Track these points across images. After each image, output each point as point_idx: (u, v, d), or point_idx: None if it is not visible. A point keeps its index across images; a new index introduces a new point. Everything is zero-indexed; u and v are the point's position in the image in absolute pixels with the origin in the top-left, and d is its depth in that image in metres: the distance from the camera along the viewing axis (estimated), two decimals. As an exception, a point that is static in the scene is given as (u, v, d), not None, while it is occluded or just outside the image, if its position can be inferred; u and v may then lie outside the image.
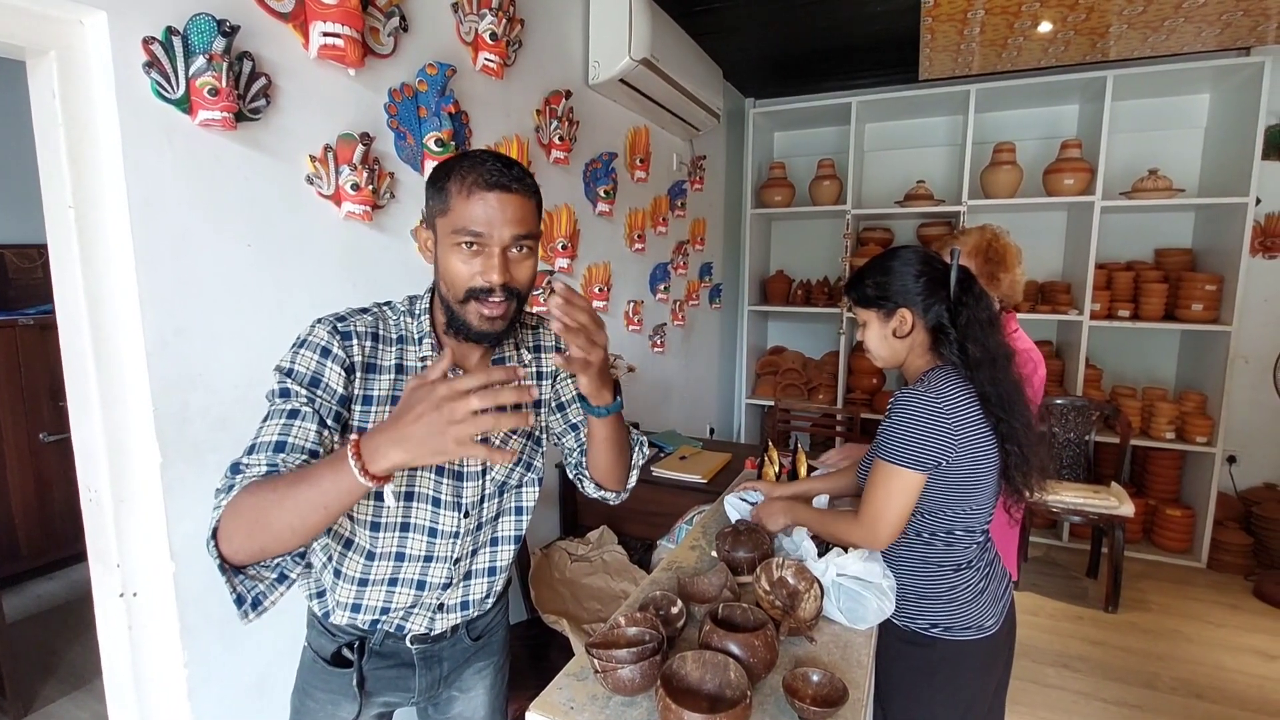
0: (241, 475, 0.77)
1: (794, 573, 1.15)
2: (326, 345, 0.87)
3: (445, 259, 0.89)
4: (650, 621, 1.00)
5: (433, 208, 0.91)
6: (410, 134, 1.61)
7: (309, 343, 0.87)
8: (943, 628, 1.16)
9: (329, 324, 0.89)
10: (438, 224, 0.90)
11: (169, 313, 1.16)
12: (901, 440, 1.11)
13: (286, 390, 0.84)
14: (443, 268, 0.90)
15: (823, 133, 4.23)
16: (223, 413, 1.25)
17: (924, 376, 1.15)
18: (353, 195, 1.43)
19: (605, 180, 2.49)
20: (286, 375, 0.85)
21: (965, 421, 1.10)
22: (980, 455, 1.11)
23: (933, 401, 1.09)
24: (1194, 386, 3.41)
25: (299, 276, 1.38)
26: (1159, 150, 3.47)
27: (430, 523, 0.97)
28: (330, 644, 1.01)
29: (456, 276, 0.89)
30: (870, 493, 1.14)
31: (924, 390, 1.11)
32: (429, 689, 1.07)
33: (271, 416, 0.83)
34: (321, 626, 1.02)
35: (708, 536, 1.52)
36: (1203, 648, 2.61)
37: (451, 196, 0.87)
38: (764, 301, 4.28)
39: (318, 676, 1.03)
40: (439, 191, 0.89)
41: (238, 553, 0.76)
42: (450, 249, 0.88)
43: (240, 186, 1.26)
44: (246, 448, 0.81)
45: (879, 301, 1.21)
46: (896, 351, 1.22)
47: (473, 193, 0.86)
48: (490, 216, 0.86)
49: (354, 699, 1.01)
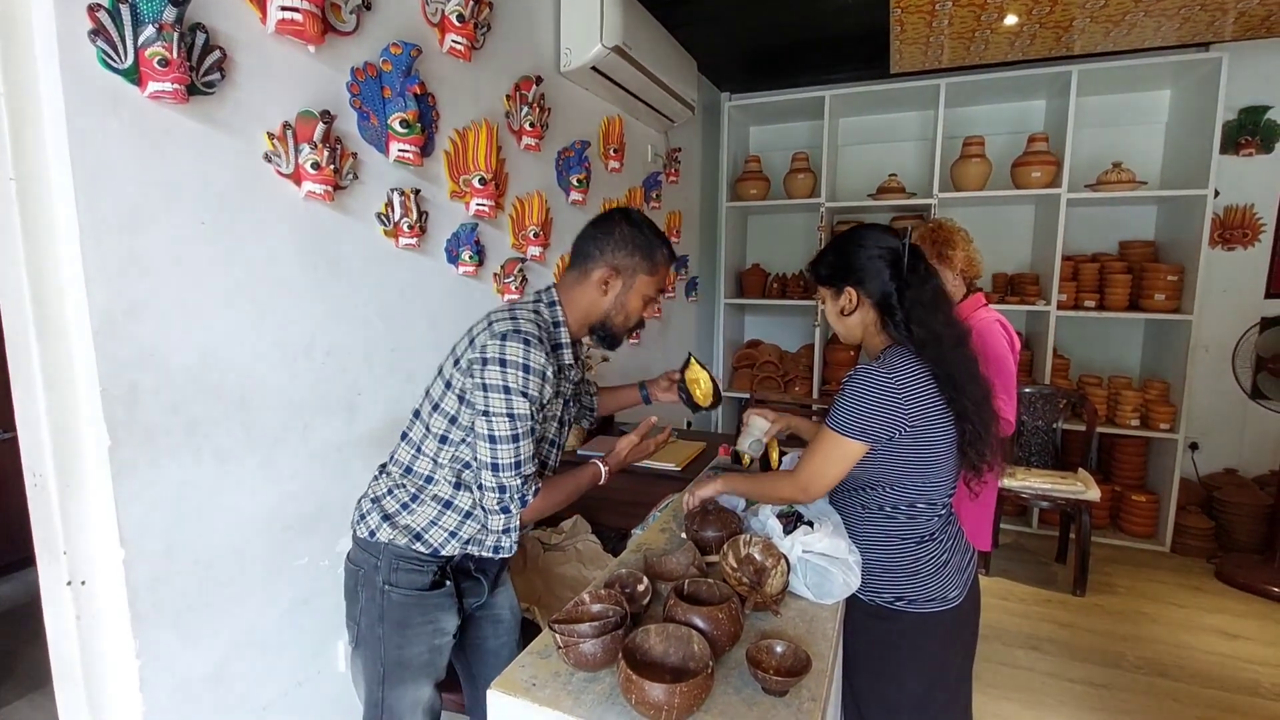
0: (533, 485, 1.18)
1: (761, 549, 1.15)
2: (544, 370, 1.13)
3: (631, 303, 1.27)
4: (614, 598, 0.99)
5: (637, 263, 1.25)
6: (374, 114, 1.57)
7: (534, 369, 1.11)
8: (907, 600, 1.17)
9: (539, 347, 1.12)
10: (638, 279, 1.26)
11: (117, 291, 1.12)
12: (850, 411, 1.12)
13: (531, 415, 1.13)
14: (628, 306, 1.27)
15: (797, 127, 4.26)
16: (175, 395, 1.21)
17: (882, 354, 1.16)
18: (313, 174, 1.40)
19: (578, 169, 2.47)
20: (526, 399, 1.11)
21: (917, 397, 1.10)
22: (936, 431, 1.12)
23: (884, 377, 1.11)
24: (1157, 375, 3.49)
25: (257, 256, 1.35)
26: (1122, 144, 3.54)
27: None
28: (424, 577, 1.21)
29: (635, 314, 1.30)
30: (810, 454, 1.17)
31: (878, 366, 1.12)
32: (490, 589, 1.32)
33: (523, 437, 1.13)
34: (418, 563, 1.20)
35: (677, 519, 1.51)
36: (1167, 628, 2.67)
37: (660, 266, 1.27)
38: (740, 294, 4.29)
39: (413, 607, 1.20)
40: (648, 257, 1.25)
41: (532, 519, 1.22)
42: (640, 299, 1.28)
43: (193, 162, 1.22)
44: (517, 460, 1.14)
45: (830, 280, 1.23)
46: (850, 328, 1.24)
47: (668, 266, 1.29)
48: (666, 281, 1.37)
49: (454, 609, 1.24)
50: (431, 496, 1.20)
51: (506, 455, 1.12)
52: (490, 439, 1.11)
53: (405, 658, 1.20)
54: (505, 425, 1.10)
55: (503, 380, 1.09)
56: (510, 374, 1.09)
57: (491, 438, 1.11)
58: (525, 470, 1.14)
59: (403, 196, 1.66)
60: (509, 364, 1.09)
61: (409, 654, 1.20)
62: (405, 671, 1.21)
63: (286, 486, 1.43)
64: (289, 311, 1.42)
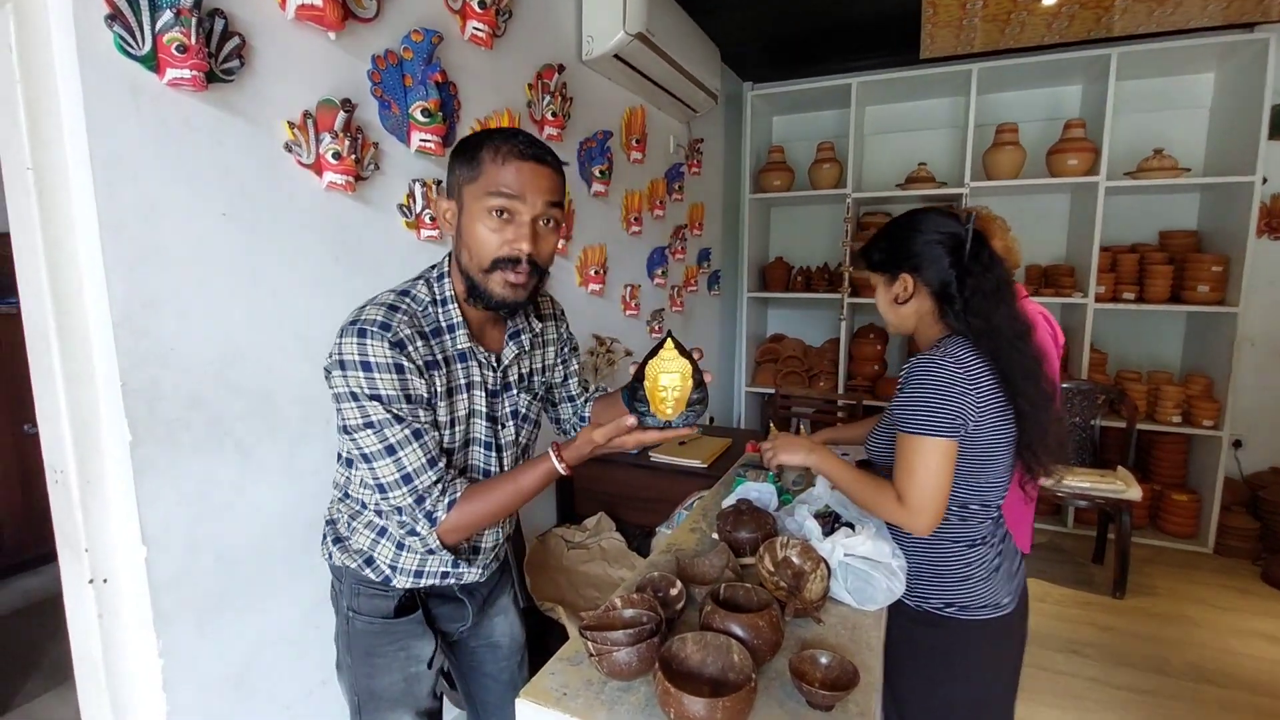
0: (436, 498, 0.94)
1: (799, 552, 1.09)
2: (395, 362, 0.90)
3: (472, 228, 0.93)
4: (648, 603, 0.94)
5: (460, 176, 0.94)
6: (395, 103, 1.54)
7: (376, 364, 0.89)
8: (957, 606, 1.11)
9: (379, 337, 0.89)
10: (465, 192, 0.94)
11: (137, 284, 1.09)
12: (925, 406, 1.03)
13: (399, 416, 0.91)
14: (469, 236, 0.94)
15: (822, 116, 4.16)
16: (196, 390, 1.19)
17: (938, 343, 1.09)
18: (334, 165, 1.37)
19: (601, 160, 2.42)
20: (379, 401, 0.90)
21: (979, 389, 1.04)
22: (998, 427, 1.06)
23: (950, 366, 1.03)
24: (1199, 370, 3.36)
25: (278, 248, 1.32)
26: (1162, 130, 3.41)
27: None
28: (388, 602, 1.06)
29: (484, 245, 0.93)
30: (905, 473, 1.04)
31: (941, 355, 1.05)
32: (477, 613, 1.17)
33: (401, 445, 0.91)
34: (375, 589, 1.05)
35: (708, 519, 1.46)
36: (1212, 632, 2.56)
37: (485, 163, 0.91)
38: (763, 288, 4.21)
39: (379, 635, 1.06)
40: (470, 160, 0.93)
41: (462, 539, 1.02)
42: (480, 216, 0.92)
43: (213, 152, 1.19)
44: (404, 474, 0.92)
45: (883, 265, 1.16)
46: (903, 318, 1.17)
47: (508, 160, 0.91)
48: (524, 183, 0.91)
49: (428, 636, 1.08)
50: (365, 523, 1.04)
51: (387, 472, 0.91)
52: (363, 458, 0.92)
53: (377, 689, 1.07)
54: (369, 438, 0.90)
55: (345, 386, 0.89)
56: (351, 377, 0.88)
57: (363, 456, 0.91)
58: (421, 483, 0.93)
59: (425, 188, 1.62)
60: (347, 365, 0.88)
61: (380, 685, 1.07)
62: (379, 703, 1.08)
63: (309, 483, 1.41)
64: (311, 304, 1.39)
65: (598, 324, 2.53)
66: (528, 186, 0.91)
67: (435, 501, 0.94)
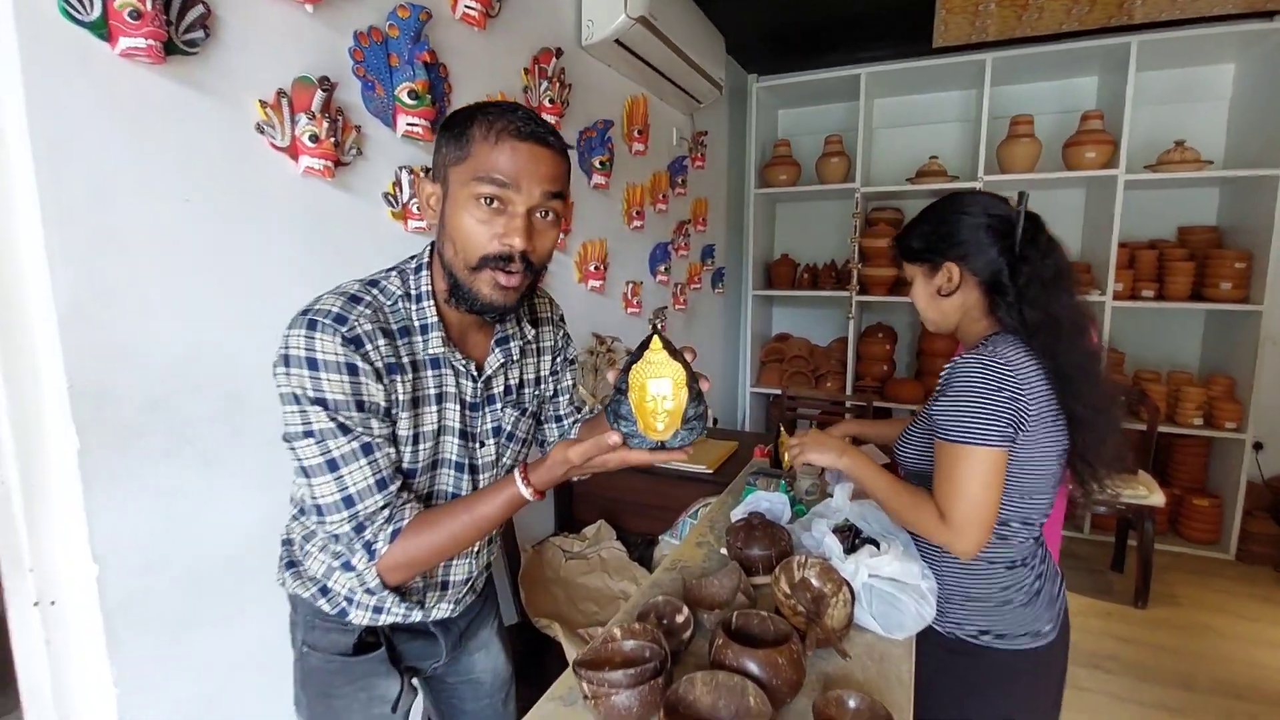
0: (379, 527, 0.80)
1: (818, 573, 0.99)
2: (348, 361, 0.77)
3: (457, 217, 0.80)
4: (650, 634, 0.84)
5: (446, 156, 0.81)
6: (380, 84, 1.43)
7: (324, 362, 0.76)
8: (994, 634, 1.00)
9: (332, 331, 0.77)
10: (451, 174, 0.81)
11: (87, 275, 0.99)
12: (971, 413, 0.91)
13: (346, 426, 0.78)
14: (453, 227, 0.81)
15: (829, 109, 4.05)
16: (155, 392, 1.08)
17: (985, 341, 0.98)
18: (311, 148, 1.26)
19: (601, 150, 2.32)
20: (323, 406, 0.76)
21: (1031, 393, 0.93)
22: (1048, 436, 0.95)
23: (1000, 367, 0.92)
24: (1221, 370, 3.24)
25: (249, 238, 1.21)
26: (1181, 123, 3.29)
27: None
28: (346, 637, 0.94)
29: (471, 238, 0.79)
30: (948, 487, 0.93)
31: (989, 355, 0.94)
32: (452, 649, 1.05)
33: (345, 461, 0.78)
34: (331, 622, 0.93)
35: (715, 531, 1.36)
36: (1237, 644, 2.45)
37: (474, 142, 0.78)
38: (768, 286, 4.10)
39: (337, 675, 0.94)
40: (458, 137, 0.80)
41: (405, 579, 0.86)
42: (466, 204, 0.79)
43: (174, 130, 1.09)
44: (345, 495, 0.78)
45: (924, 255, 1.04)
46: (946, 313, 1.05)
47: (502, 139, 0.78)
48: (520, 168, 0.78)
49: (393, 675, 0.96)
50: (320, 546, 0.91)
51: (327, 491, 0.77)
52: (302, 472, 0.79)
53: None
54: (310, 449, 0.77)
55: (289, 386, 0.76)
56: (294, 375, 0.76)
57: (302, 469, 0.78)
58: (364, 508, 0.79)
59: (412, 175, 1.51)
60: (291, 361, 0.76)
61: None
62: None
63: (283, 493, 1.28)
64: (287, 298, 1.26)
65: (598, 322, 2.42)
66: (524, 172, 0.78)
67: (378, 530, 0.80)
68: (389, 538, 0.80)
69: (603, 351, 2.31)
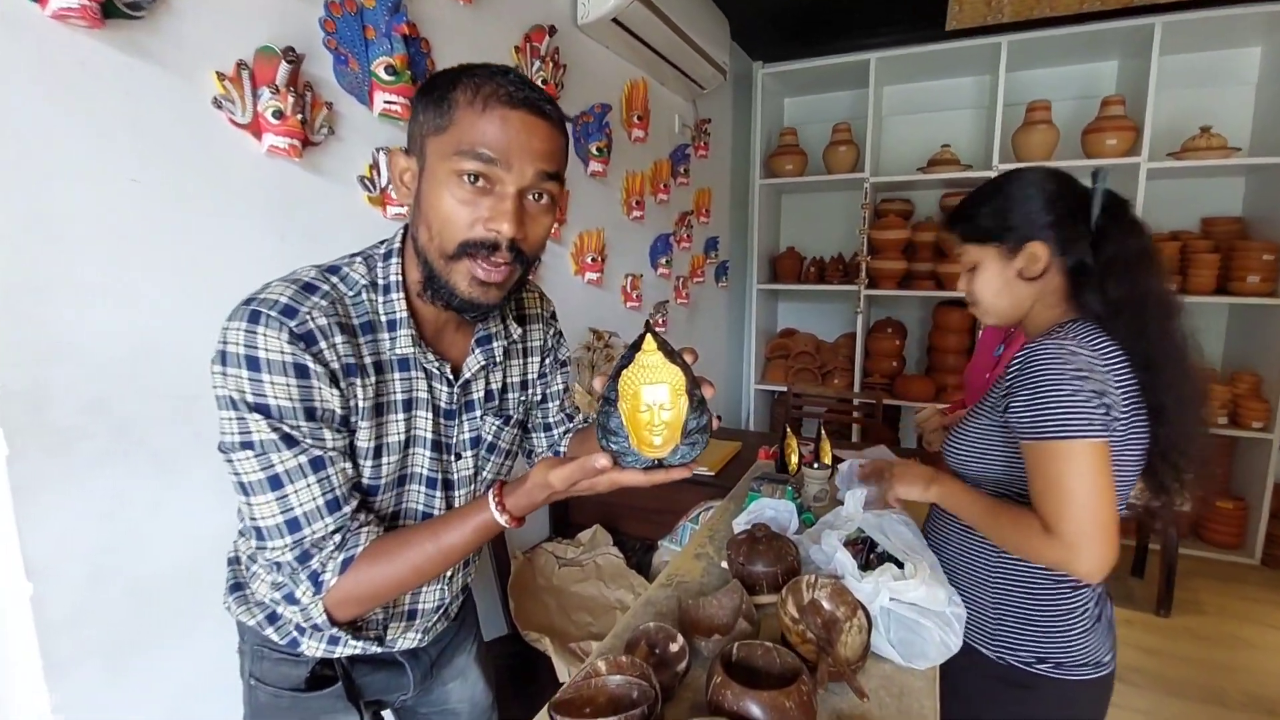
0: (329, 554, 0.70)
1: (830, 594, 0.88)
2: (296, 361, 0.66)
3: (435, 195, 0.69)
4: (639, 669, 0.74)
5: (423, 124, 0.70)
6: (354, 58, 1.33)
7: (267, 362, 0.65)
8: (1052, 663, 0.89)
9: (278, 325, 0.66)
10: (429, 146, 0.69)
11: (18, 263, 0.89)
12: (1063, 402, 0.79)
13: (291, 437, 0.67)
14: (429, 208, 0.70)
15: (837, 97, 3.92)
16: (99, 391, 0.98)
17: (1060, 327, 0.87)
18: (275, 125, 1.16)
19: (598, 136, 2.21)
20: (264, 413, 0.65)
21: (1120, 385, 0.83)
22: (1132, 434, 0.85)
23: (1087, 352, 0.82)
24: (1246, 367, 3.11)
25: (207, 222, 1.11)
26: (1205, 109, 3.15)
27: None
28: (298, 670, 0.82)
29: (450, 221, 0.68)
30: (1051, 493, 0.80)
31: (1071, 339, 0.83)
32: (422, 680, 0.95)
33: (290, 478, 0.67)
34: (281, 653, 0.82)
35: (715, 542, 1.25)
36: (1268, 654, 2.33)
37: (458, 109, 0.67)
38: (774, 280, 3.99)
39: (288, 712, 0.84)
40: (438, 102, 0.68)
41: (358, 614, 0.75)
42: (446, 181, 0.68)
43: (118, 103, 0.98)
44: (290, 519, 0.68)
45: (1000, 234, 0.92)
46: (1019, 301, 0.93)
47: (490, 107, 0.67)
48: (511, 141, 0.67)
49: (351, 712, 0.84)
50: (266, 566, 0.81)
51: (268, 512, 0.67)
52: (240, 488, 0.68)
53: None
54: (248, 463, 0.66)
55: (225, 388, 0.65)
56: (232, 376, 0.65)
57: (240, 485, 0.68)
58: (311, 533, 0.68)
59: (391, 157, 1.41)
60: (229, 359, 0.65)
61: None
62: None
63: (249, 499, 1.20)
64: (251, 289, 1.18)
65: (595, 317, 2.32)
66: (516, 147, 0.67)
67: (326, 559, 0.69)
68: (339, 568, 0.70)
69: (600, 348, 2.21)
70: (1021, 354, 0.85)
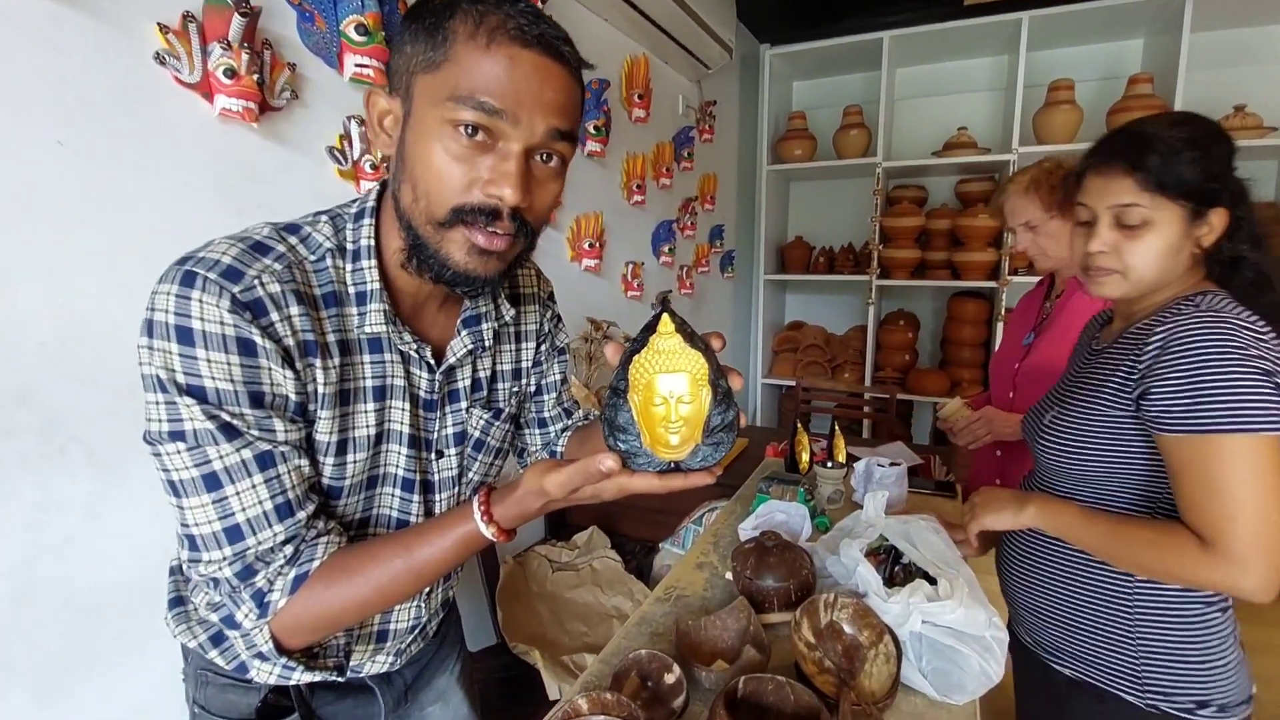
0: (278, 569, 0.58)
1: (851, 616, 0.76)
2: (240, 335, 0.54)
3: (423, 148, 0.57)
4: (627, 710, 0.62)
5: (412, 58, 0.57)
6: (321, 15, 1.21)
7: (203, 334, 0.53)
8: (1215, 706, 0.77)
9: (217, 290, 0.54)
10: (417, 86, 0.57)
11: (-83, 232, 0.78)
12: (1222, 388, 0.67)
13: (233, 427, 0.55)
14: (416, 163, 0.57)
15: (848, 80, 3.77)
16: (22, 383, 0.87)
17: (1192, 299, 0.75)
18: (228, 85, 1.04)
19: (596, 113, 2.08)
20: (198, 397, 0.54)
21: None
22: None
23: (1248, 326, 0.70)
24: (1279, 359, 2.96)
25: (148, 191, 0.99)
26: (1236, 87, 2.99)
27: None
28: (248, 698, 0.70)
29: (442, 180, 0.56)
30: (1209, 498, 0.69)
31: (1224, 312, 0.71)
32: (395, 707, 0.82)
33: (235, 477, 0.55)
34: (228, 680, 0.70)
35: (720, 549, 1.13)
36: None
37: (456, 41, 0.54)
38: (781, 270, 3.85)
39: None
40: (431, 31, 0.56)
41: (311, 642, 0.64)
42: (437, 131, 0.56)
43: (42, 58, 0.87)
44: (229, 525, 0.56)
45: (1196, 194, 0.77)
46: (1170, 273, 0.80)
47: (496, 42, 0.54)
48: (520, 89, 0.55)
49: None
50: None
51: (202, 518, 0.56)
52: (169, 487, 0.56)
53: None
54: (179, 458, 0.54)
55: (150, 365, 0.54)
56: (159, 350, 0.53)
57: (169, 485, 0.56)
58: (256, 544, 0.57)
59: (364, 127, 1.29)
60: (155, 329, 0.53)
61: None
62: None
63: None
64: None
65: (593, 305, 2.20)
66: (526, 95, 0.55)
67: (274, 575, 0.58)
68: (289, 586, 0.58)
69: (598, 338, 2.09)
70: (1163, 331, 0.73)
